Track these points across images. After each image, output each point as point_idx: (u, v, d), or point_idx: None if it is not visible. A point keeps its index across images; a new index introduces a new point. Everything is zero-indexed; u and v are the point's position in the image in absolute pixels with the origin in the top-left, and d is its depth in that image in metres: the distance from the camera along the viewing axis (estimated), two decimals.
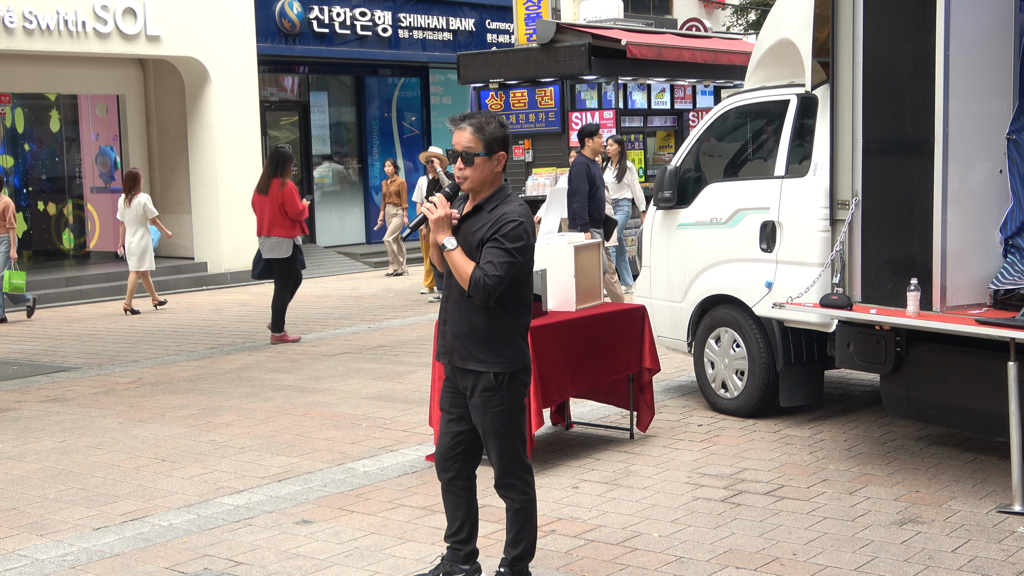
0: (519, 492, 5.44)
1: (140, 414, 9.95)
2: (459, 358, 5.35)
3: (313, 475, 7.85)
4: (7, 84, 21.02)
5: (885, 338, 7.43)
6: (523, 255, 5.20)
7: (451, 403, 5.51)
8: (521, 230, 5.18)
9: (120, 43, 19.78)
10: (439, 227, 5.18)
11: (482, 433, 5.39)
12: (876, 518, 6.57)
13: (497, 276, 5.09)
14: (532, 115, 19.07)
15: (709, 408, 9.35)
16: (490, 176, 5.27)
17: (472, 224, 5.26)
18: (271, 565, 6.13)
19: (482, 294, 5.11)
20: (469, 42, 26.02)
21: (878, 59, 7.37)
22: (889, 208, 7.37)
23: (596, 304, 8.36)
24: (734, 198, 9.07)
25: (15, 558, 6.36)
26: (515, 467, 5.41)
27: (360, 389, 10.63)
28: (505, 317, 5.29)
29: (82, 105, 23.20)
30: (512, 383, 5.34)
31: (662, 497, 7.09)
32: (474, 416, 5.39)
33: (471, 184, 5.25)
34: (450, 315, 5.38)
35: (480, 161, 5.21)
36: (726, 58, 20.39)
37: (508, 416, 5.35)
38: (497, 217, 5.20)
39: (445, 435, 5.53)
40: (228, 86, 21.14)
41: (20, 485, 7.86)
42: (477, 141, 5.20)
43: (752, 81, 9.45)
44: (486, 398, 5.31)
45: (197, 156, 21.42)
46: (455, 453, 5.51)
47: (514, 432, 5.38)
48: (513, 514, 5.47)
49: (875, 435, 8.40)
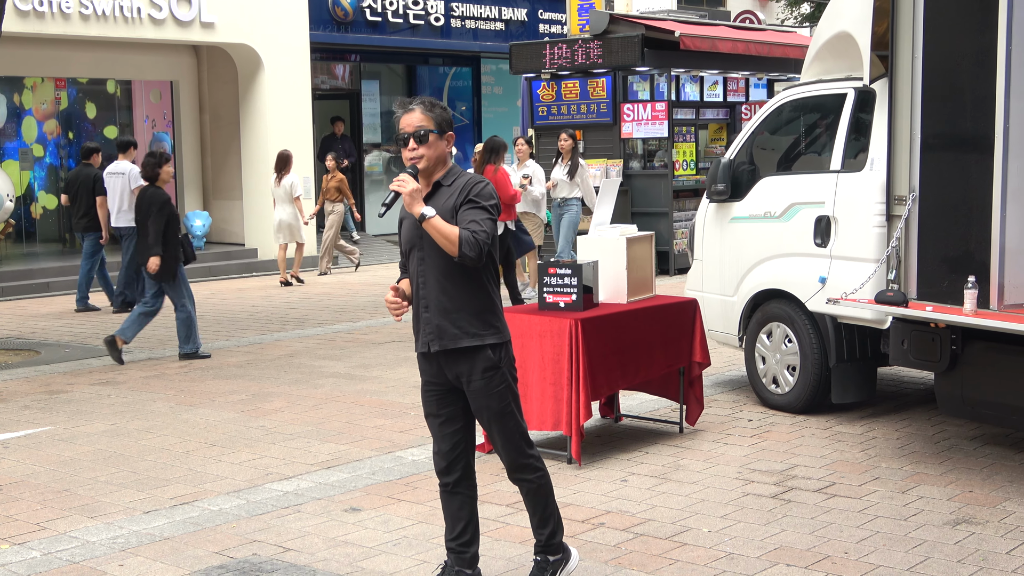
0: (533, 471, 5.36)
1: (190, 399, 10.01)
2: (450, 339, 5.21)
3: (362, 463, 7.86)
4: (63, 69, 21.20)
5: (940, 336, 7.33)
6: (497, 213, 5.19)
7: (439, 405, 5.37)
8: (491, 189, 5.21)
9: (175, 29, 19.91)
10: (414, 199, 5.13)
11: (487, 418, 5.27)
12: (929, 518, 6.50)
13: (485, 232, 5.06)
14: (584, 106, 19.00)
15: (759, 403, 9.28)
16: (442, 155, 5.27)
17: (437, 200, 5.21)
18: (319, 552, 6.14)
19: (475, 249, 5.01)
20: (521, 32, 25.97)
21: (938, 53, 7.28)
22: (947, 204, 7.28)
23: (648, 296, 8.31)
24: (788, 192, 8.99)
25: (66, 540, 6.41)
26: (523, 446, 5.33)
27: (409, 377, 10.64)
28: (486, 287, 5.25)
29: (136, 91, 23.37)
30: (507, 357, 5.29)
31: (712, 492, 7.04)
32: (476, 402, 5.27)
33: (426, 162, 5.21)
34: (431, 299, 5.25)
35: (433, 138, 5.20)
36: (780, 51, 20.25)
37: (511, 393, 5.29)
38: (462, 185, 5.20)
39: (443, 439, 5.38)
40: (280, 74, 21.23)
41: (72, 467, 7.92)
42: (428, 119, 5.20)
43: (809, 74, 9.36)
44: (488, 378, 5.22)
45: (249, 143, 21.54)
46: (457, 454, 5.38)
47: (517, 410, 5.32)
48: (532, 494, 5.38)
49: (928, 434, 8.31)
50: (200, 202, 22.77)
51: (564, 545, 5.52)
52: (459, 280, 5.20)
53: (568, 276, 7.68)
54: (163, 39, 20.06)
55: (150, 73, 22.22)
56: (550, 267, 7.78)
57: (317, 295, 17.40)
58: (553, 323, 7.50)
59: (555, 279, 7.72)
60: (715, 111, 20.33)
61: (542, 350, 7.54)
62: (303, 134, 21.53)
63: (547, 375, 7.52)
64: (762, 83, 20.99)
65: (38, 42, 19.43)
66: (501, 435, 5.30)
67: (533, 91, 19.58)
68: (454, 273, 5.19)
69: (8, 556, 6.19)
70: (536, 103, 19.55)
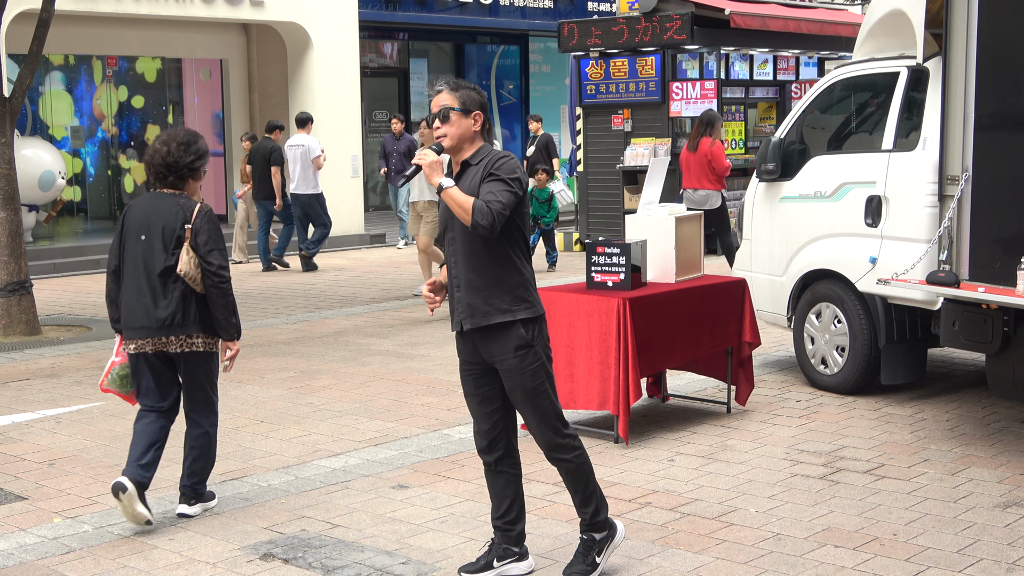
0: (571, 450, 5.33)
1: (239, 375, 10.07)
2: (482, 316, 5.23)
3: (409, 440, 7.90)
4: (114, 47, 21.36)
5: (992, 317, 7.26)
6: (520, 187, 5.15)
7: (476, 384, 5.40)
8: (514, 163, 5.18)
9: (225, 8, 19.99)
10: (433, 170, 5.15)
11: (521, 396, 5.25)
12: (979, 500, 6.45)
13: (500, 202, 5.04)
14: (632, 84, 18.91)
15: (808, 384, 9.24)
16: (468, 133, 5.24)
17: (465, 179, 5.22)
18: (367, 528, 6.18)
19: (488, 218, 5.00)
20: (569, 10, 25.87)
21: (993, 31, 7.19)
22: (1000, 184, 7.20)
23: (696, 276, 8.28)
24: (839, 171, 8.92)
25: (117, 514, 6.46)
26: (559, 425, 5.31)
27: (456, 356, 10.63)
28: (516, 262, 5.24)
29: (186, 69, 23.50)
30: (541, 334, 5.27)
31: (759, 472, 7.02)
32: (509, 381, 5.26)
33: (451, 140, 5.22)
34: (462, 277, 5.27)
35: (456, 116, 5.20)
36: (831, 29, 20.03)
37: (544, 372, 5.27)
38: (487, 162, 5.19)
39: (483, 418, 5.41)
40: (329, 52, 21.27)
41: (123, 443, 7.99)
42: (452, 98, 5.21)
43: (861, 52, 9.27)
44: (521, 356, 5.21)
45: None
46: (498, 432, 5.41)
47: (552, 388, 5.31)
48: (572, 474, 5.36)
49: (979, 416, 8.24)
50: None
51: (610, 521, 5.51)
52: (488, 258, 5.20)
53: (616, 255, 7.66)
54: (213, 17, 20.15)
55: (200, 51, 22.34)
56: (599, 246, 7.76)
57: (365, 273, 17.47)
58: (601, 302, 7.49)
59: (603, 258, 7.71)
60: (765, 90, 20.17)
61: (590, 329, 7.53)
62: (352, 112, 21.57)
63: (595, 354, 7.51)
64: (813, 62, 20.80)
65: (90, 20, 19.56)
66: (535, 415, 5.28)
67: (582, 69, 19.50)
68: (482, 251, 5.20)
69: (61, 529, 6.27)
70: (584, 81, 19.47)
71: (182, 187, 6.37)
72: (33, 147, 19.00)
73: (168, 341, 6.23)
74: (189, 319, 6.22)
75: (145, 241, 6.25)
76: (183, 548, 5.96)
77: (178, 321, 6.20)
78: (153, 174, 6.38)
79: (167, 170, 6.31)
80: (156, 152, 6.33)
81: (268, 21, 20.88)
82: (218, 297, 6.23)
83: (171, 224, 6.22)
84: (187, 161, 6.32)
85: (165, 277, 6.20)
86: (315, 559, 5.76)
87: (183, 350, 6.27)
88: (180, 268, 6.16)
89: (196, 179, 6.42)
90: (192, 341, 6.26)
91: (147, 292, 6.22)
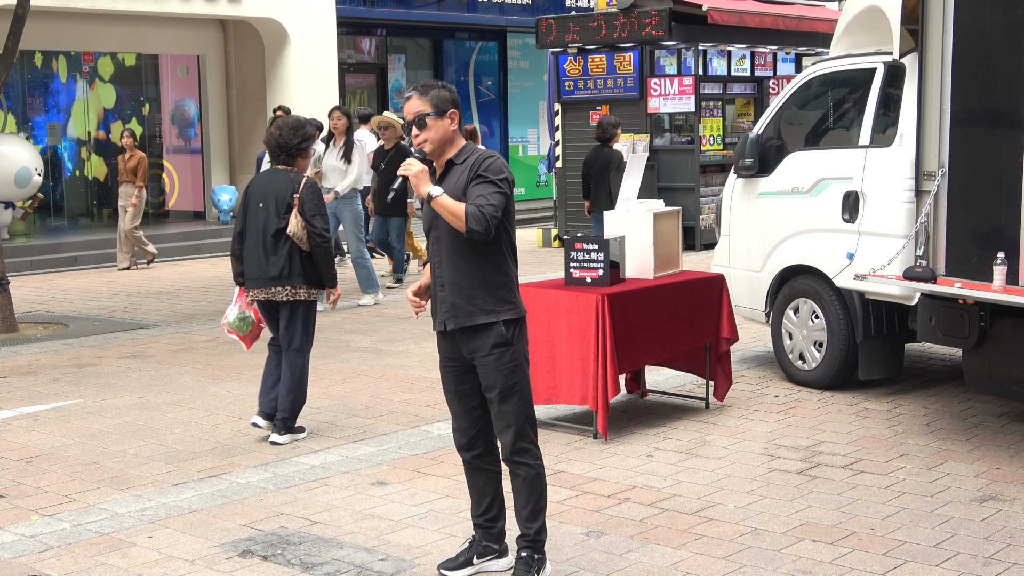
0: (532, 456, 5.28)
1: (218, 372, 10.05)
2: (465, 316, 5.20)
3: (388, 437, 7.89)
4: (90, 43, 21.24)
5: (969, 312, 7.30)
6: (508, 187, 5.14)
7: (456, 381, 5.38)
8: (501, 163, 5.16)
9: (202, 3, 19.92)
10: (420, 180, 5.10)
11: (495, 394, 5.22)
12: (956, 495, 6.48)
13: (492, 205, 5.02)
14: (611, 80, 18.93)
15: (786, 379, 9.27)
16: (447, 134, 5.21)
17: (450, 179, 5.19)
18: (347, 525, 6.17)
19: (482, 223, 4.98)
20: (548, 6, 25.84)
21: (969, 27, 7.21)
22: (977, 180, 7.22)
23: (674, 272, 8.30)
24: (816, 167, 8.95)
25: (95, 512, 6.46)
26: (527, 429, 5.27)
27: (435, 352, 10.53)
28: (501, 263, 5.22)
29: (163, 65, 23.40)
30: (521, 335, 5.26)
31: (738, 468, 7.04)
32: (486, 378, 5.24)
33: (431, 144, 5.19)
34: (446, 277, 5.24)
35: (432, 120, 5.16)
36: (809, 25, 20.11)
37: (521, 372, 5.25)
38: (472, 161, 5.17)
39: (463, 415, 5.39)
40: (307, 48, 21.22)
41: (100, 440, 7.98)
42: (424, 103, 5.17)
43: (837, 48, 9.30)
44: (498, 354, 5.19)
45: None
46: (478, 429, 5.39)
47: (528, 389, 5.28)
48: (527, 483, 5.26)
49: (955, 410, 8.28)
50: (227, 176, 22.78)
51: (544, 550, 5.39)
52: (472, 258, 5.18)
53: (595, 251, 7.67)
54: (190, 13, 20.07)
55: (177, 47, 22.24)
56: (577, 242, 7.77)
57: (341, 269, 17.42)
58: (580, 298, 7.50)
59: (582, 254, 7.72)
60: (742, 86, 20.21)
61: (569, 325, 7.54)
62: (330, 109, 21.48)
63: (574, 350, 7.52)
64: (790, 57, 20.86)
65: (66, 16, 19.46)
66: (508, 414, 5.23)
67: (560, 66, 19.51)
68: (467, 251, 5.18)
69: (38, 527, 6.25)
70: (563, 78, 19.48)
71: (292, 164, 7.74)
72: (9, 144, 18.90)
73: (276, 291, 7.62)
74: (294, 272, 7.60)
75: (263, 208, 7.62)
76: (161, 545, 5.94)
77: (285, 274, 7.58)
78: (270, 153, 7.80)
79: (279, 150, 7.70)
80: (271, 136, 7.71)
81: (245, 17, 20.81)
82: (321, 254, 7.63)
83: (283, 194, 7.59)
84: (295, 143, 7.69)
85: (277, 238, 7.58)
86: (294, 556, 5.75)
87: (289, 299, 7.65)
88: (290, 229, 7.53)
89: (304, 158, 7.80)
90: (296, 291, 7.64)
91: (262, 251, 7.61)
